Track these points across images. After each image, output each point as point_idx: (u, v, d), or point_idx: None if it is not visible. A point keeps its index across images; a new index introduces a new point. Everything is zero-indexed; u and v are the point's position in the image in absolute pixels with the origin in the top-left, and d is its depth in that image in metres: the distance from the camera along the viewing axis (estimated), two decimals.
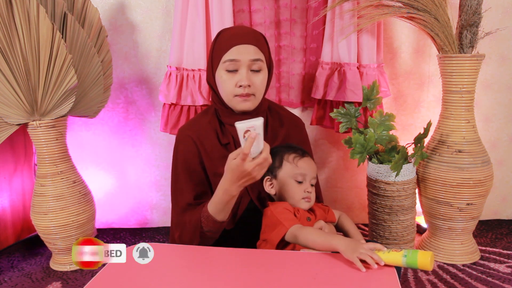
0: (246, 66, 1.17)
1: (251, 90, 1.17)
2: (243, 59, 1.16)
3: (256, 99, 1.20)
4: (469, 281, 1.59)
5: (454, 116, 1.67)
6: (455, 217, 1.68)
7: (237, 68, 1.17)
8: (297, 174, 1.16)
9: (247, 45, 1.17)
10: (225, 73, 1.18)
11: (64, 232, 1.71)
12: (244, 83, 1.16)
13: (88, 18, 1.70)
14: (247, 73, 1.17)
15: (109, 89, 1.85)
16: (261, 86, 1.20)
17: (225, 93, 1.20)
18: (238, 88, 1.17)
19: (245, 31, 1.21)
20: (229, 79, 1.18)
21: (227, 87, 1.18)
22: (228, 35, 1.20)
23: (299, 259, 0.98)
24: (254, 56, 1.17)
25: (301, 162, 1.17)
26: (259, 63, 1.18)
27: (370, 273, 0.90)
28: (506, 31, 1.91)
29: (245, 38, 1.18)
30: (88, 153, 2.10)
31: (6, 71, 1.52)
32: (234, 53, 1.16)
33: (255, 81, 1.18)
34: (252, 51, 1.17)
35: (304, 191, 1.15)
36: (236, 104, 1.19)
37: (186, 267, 0.97)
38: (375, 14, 1.70)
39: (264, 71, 1.21)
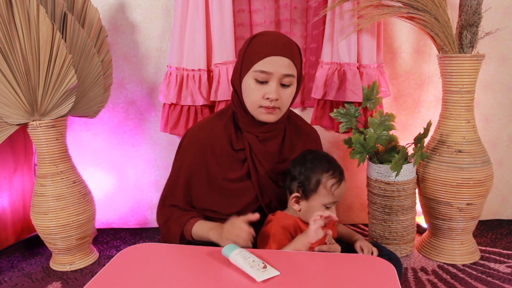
0: (277, 80, 1.12)
1: (277, 103, 1.14)
2: (275, 72, 1.11)
3: (280, 112, 1.17)
4: (469, 281, 1.59)
5: (454, 116, 1.67)
6: (455, 217, 1.68)
7: (268, 80, 1.13)
8: (331, 203, 1.11)
9: (283, 57, 1.12)
10: (254, 82, 1.14)
11: (64, 232, 1.71)
12: (273, 97, 1.12)
13: (88, 18, 1.70)
14: (277, 86, 1.13)
15: (109, 89, 1.85)
16: (288, 101, 1.17)
17: (250, 102, 1.16)
18: (265, 100, 1.13)
19: (282, 41, 1.15)
20: (257, 89, 1.13)
21: (254, 97, 1.14)
22: (263, 42, 1.14)
23: (299, 259, 0.98)
24: (287, 71, 1.13)
25: (338, 190, 1.11)
26: (290, 79, 1.14)
27: (370, 273, 0.91)
28: (506, 31, 1.91)
29: (281, 49, 1.12)
30: (88, 153, 2.10)
31: (6, 71, 1.52)
32: (267, 64, 1.11)
33: (283, 95, 1.14)
34: (286, 65, 1.12)
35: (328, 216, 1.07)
36: (260, 114, 1.16)
37: (186, 267, 0.97)
38: (375, 14, 1.70)
39: (293, 86, 1.17)
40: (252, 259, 0.91)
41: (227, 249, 0.94)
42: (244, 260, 0.91)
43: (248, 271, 0.88)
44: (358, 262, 0.98)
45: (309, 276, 0.89)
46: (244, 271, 0.89)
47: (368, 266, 0.94)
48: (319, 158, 1.15)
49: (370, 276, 0.90)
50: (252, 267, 0.89)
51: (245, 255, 0.92)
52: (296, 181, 1.14)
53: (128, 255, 1.02)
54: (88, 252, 1.84)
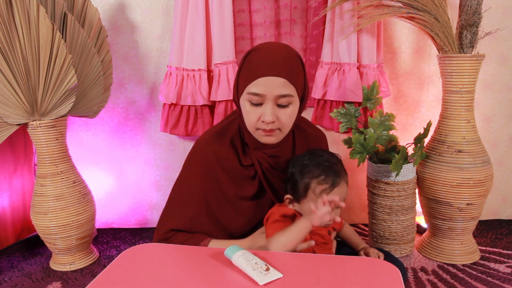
0: (272, 101, 1.03)
1: (276, 125, 1.05)
2: (268, 93, 1.02)
3: (282, 133, 1.08)
4: (469, 281, 1.59)
5: (454, 116, 1.67)
6: (455, 217, 1.68)
7: (262, 102, 1.04)
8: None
9: (276, 77, 1.01)
10: (248, 104, 1.05)
11: (64, 232, 1.71)
12: (268, 120, 1.03)
13: (88, 18, 1.70)
14: (273, 108, 1.03)
15: (109, 89, 1.85)
16: (288, 121, 1.07)
17: (248, 124, 1.08)
18: (261, 122, 1.05)
19: (276, 59, 1.03)
20: (253, 111, 1.05)
21: (250, 120, 1.06)
22: (258, 60, 1.05)
23: (302, 261, 0.97)
24: (282, 91, 1.02)
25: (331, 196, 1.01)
26: (287, 99, 1.04)
27: (374, 276, 0.90)
28: (506, 31, 1.91)
29: (273, 68, 1.02)
30: (88, 153, 2.10)
31: (6, 71, 1.52)
32: (259, 86, 1.02)
33: (281, 115, 1.05)
34: (281, 85, 1.02)
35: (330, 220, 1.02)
36: (259, 137, 1.09)
37: (188, 268, 0.97)
38: (375, 14, 1.70)
39: (294, 104, 1.07)
40: (255, 261, 0.90)
41: (229, 250, 0.93)
42: (246, 262, 0.90)
43: (251, 273, 0.87)
44: (362, 264, 0.97)
45: (313, 279, 0.89)
46: (247, 274, 0.89)
47: (373, 269, 0.93)
48: (314, 160, 1.08)
49: (374, 279, 0.89)
50: (255, 270, 0.88)
51: (248, 257, 0.91)
52: (289, 183, 1.11)
53: (130, 255, 1.02)
54: (88, 252, 1.84)
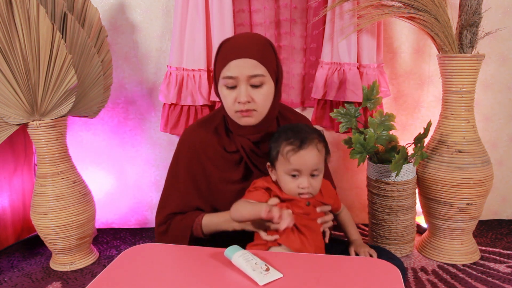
0: (245, 82, 1.10)
1: (251, 106, 1.11)
2: (240, 75, 1.09)
3: (259, 114, 1.14)
4: (469, 281, 1.59)
5: (454, 116, 1.67)
6: (455, 217, 1.68)
7: (236, 85, 1.11)
8: (290, 170, 1.07)
9: (245, 59, 1.09)
10: (225, 89, 1.13)
11: (64, 232, 1.71)
12: (242, 100, 1.10)
13: (88, 18, 1.70)
14: (246, 89, 1.10)
15: (109, 89, 1.85)
16: (263, 101, 1.13)
17: (227, 109, 1.15)
18: (237, 104, 1.11)
19: (245, 43, 1.12)
20: (229, 95, 1.12)
21: (227, 103, 1.14)
22: (227, 48, 1.13)
23: (302, 262, 0.97)
24: (253, 71, 1.09)
25: (294, 157, 1.05)
26: (259, 78, 1.10)
27: (374, 276, 0.90)
28: (506, 31, 1.91)
29: (243, 51, 1.10)
30: (88, 153, 2.10)
31: (6, 71, 1.52)
32: (231, 69, 1.10)
33: (255, 96, 1.11)
34: (251, 65, 1.09)
35: (298, 186, 1.07)
36: (238, 119, 1.15)
37: (188, 268, 0.97)
38: (375, 14, 1.70)
39: (268, 84, 1.12)
40: (254, 261, 0.90)
41: (229, 250, 0.93)
42: (246, 262, 0.90)
43: (251, 274, 0.88)
44: (362, 265, 0.97)
45: (313, 279, 0.89)
46: (247, 274, 0.89)
47: (373, 269, 0.93)
48: (287, 127, 1.13)
49: (374, 279, 0.89)
50: (255, 270, 0.88)
51: (247, 257, 0.92)
52: (269, 152, 1.15)
53: (130, 255, 1.02)
54: (88, 252, 1.84)
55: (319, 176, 1.10)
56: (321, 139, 1.13)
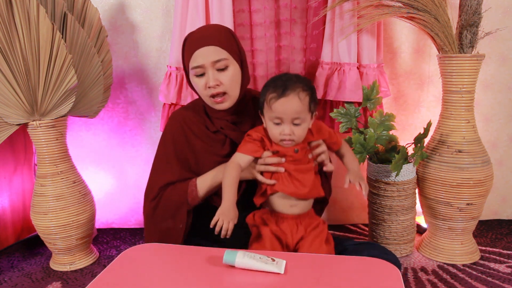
0: (211, 68, 1.19)
1: (221, 88, 1.20)
2: (205, 62, 1.18)
3: (230, 97, 1.22)
4: (469, 281, 1.59)
5: (454, 116, 1.67)
6: (455, 217, 1.68)
7: (204, 72, 1.20)
8: (273, 117, 1.11)
9: (207, 47, 1.18)
10: (195, 78, 1.22)
11: (64, 232, 1.71)
12: (212, 84, 1.18)
13: (88, 18, 1.70)
14: (213, 74, 1.19)
15: (109, 89, 1.85)
16: (231, 82, 1.21)
17: (202, 96, 1.24)
18: (208, 89, 1.20)
19: (204, 33, 1.22)
20: (199, 82, 1.21)
21: (200, 91, 1.23)
22: (190, 41, 1.23)
23: (302, 262, 0.98)
24: (216, 56, 1.18)
25: (276, 104, 1.09)
26: (223, 62, 1.19)
27: (374, 276, 0.90)
28: (506, 31, 1.91)
29: (203, 40, 1.19)
30: (88, 153, 2.10)
31: (6, 71, 1.52)
32: (196, 58, 1.19)
33: (223, 79, 1.20)
34: (213, 51, 1.18)
35: (280, 133, 1.11)
36: (213, 105, 1.23)
37: (186, 267, 0.97)
38: (375, 14, 1.70)
39: (232, 66, 1.21)
40: (259, 256, 0.92)
41: (228, 256, 0.93)
42: (254, 260, 0.92)
43: (266, 268, 0.90)
44: (362, 264, 0.97)
45: (313, 278, 0.89)
46: (260, 270, 0.90)
47: (373, 269, 0.94)
48: (278, 76, 1.16)
49: (374, 279, 0.89)
50: (267, 264, 0.91)
51: (250, 255, 0.93)
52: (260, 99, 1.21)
53: (130, 255, 1.02)
54: (88, 252, 1.84)
55: (302, 125, 1.12)
56: (306, 88, 1.13)
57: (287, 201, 1.14)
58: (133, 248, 1.05)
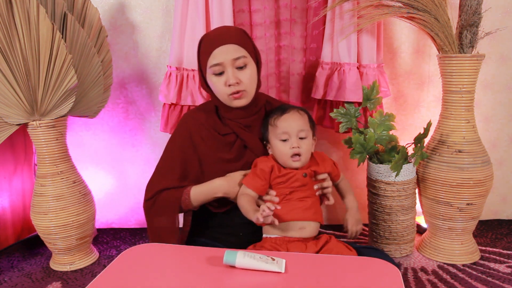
0: (231, 66, 1.21)
1: (241, 86, 1.22)
2: (225, 60, 1.20)
3: (248, 94, 1.25)
4: (469, 281, 1.59)
5: (454, 116, 1.67)
6: (455, 217, 1.68)
7: (223, 70, 1.22)
8: (279, 134, 1.20)
9: (227, 45, 1.21)
10: (213, 77, 1.23)
11: (64, 232, 1.71)
12: (232, 82, 1.20)
13: (88, 18, 1.70)
14: (233, 72, 1.21)
15: (109, 89, 1.85)
16: (250, 81, 1.24)
17: (220, 95, 1.26)
18: (228, 87, 1.22)
19: (222, 32, 1.25)
20: (218, 81, 1.23)
21: (219, 89, 1.24)
22: (207, 40, 1.25)
23: (303, 262, 0.98)
24: (236, 54, 1.21)
25: (279, 121, 1.21)
26: (242, 60, 1.22)
27: (374, 276, 0.90)
28: (506, 31, 1.91)
29: (223, 39, 1.21)
30: (88, 153, 2.10)
31: (6, 71, 1.52)
32: (216, 56, 1.21)
33: (242, 77, 1.22)
34: (232, 49, 1.21)
35: (289, 148, 1.18)
36: (231, 102, 1.25)
37: (185, 267, 0.97)
38: (375, 14, 1.69)
39: (250, 65, 1.24)
40: (259, 256, 0.93)
41: (228, 256, 0.94)
42: (255, 260, 0.92)
43: (267, 267, 0.91)
44: (362, 264, 0.97)
45: (313, 278, 0.89)
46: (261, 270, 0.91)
47: (373, 268, 0.94)
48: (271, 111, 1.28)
49: (374, 279, 0.89)
50: (268, 263, 0.92)
51: (251, 255, 0.93)
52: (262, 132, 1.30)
53: (130, 255, 1.02)
54: (88, 252, 1.84)
55: (307, 140, 1.21)
56: (303, 109, 1.27)
57: (297, 224, 1.18)
58: (133, 248, 1.06)
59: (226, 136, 1.29)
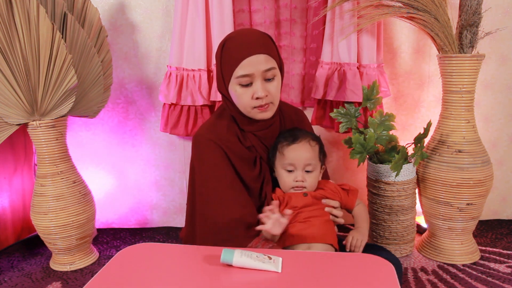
0: (260, 78, 1.11)
1: (268, 99, 1.14)
2: (256, 71, 1.10)
3: (274, 106, 1.17)
4: (469, 281, 1.59)
5: (454, 116, 1.67)
6: (455, 217, 1.68)
7: (251, 81, 1.12)
8: (285, 164, 1.14)
9: (258, 55, 1.10)
10: (239, 87, 1.13)
11: (64, 232, 1.71)
12: (261, 95, 1.11)
13: (88, 18, 1.70)
14: (262, 84, 1.12)
15: (109, 89, 1.85)
16: (277, 93, 1.16)
17: (243, 106, 1.15)
18: (255, 100, 1.12)
19: (252, 39, 1.13)
20: (245, 93, 1.13)
21: (244, 101, 1.14)
22: (235, 46, 1.13)
23: (299, 258, 0.98)
24: (267, 66, 1.11)
25: (287, 150, 1.14)
26: (272, 71, 1.13)
27: (369, 272, 0.91)
28: (506, 31, 1.91)
29: (254, 47, 1.11)
30: (88, 153, 2.10)
31: (6, 71, 1.52)
32: (245, 67, 1.10)
33: (270, 89, 1.14)
34: (264, 60, 1.11)
35: (293, 180, 1.13)
36: (255, 115, 1.16)
37: (182, 267, 0.97)
38: (375, 14, 1.70)
39: (278, 76, 1.16)
40: (256, 255, 0.93)
41: (226, 255, 0.94)
42: (251, 259, 0.92)
43: (263, 267, 0.91)
44: (357, 261, 0.98)
45: (309, 275, 0.90)
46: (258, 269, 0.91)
47: (368, 265, 0.95)
48: (286, 130, 1.21)
49: (369, 275, 0.90)
50: (264, 262, 0.91)
51: (248, 254, 0.93)
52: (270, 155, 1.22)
53: (126, 255, 1.02)
54: (88, 252, 1.84)
55: (313, 173, 1.15)
56: (315, 138, 1.19)
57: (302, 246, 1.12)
58: (129, 248, 1.05)
59: (249, 148, 1.20)
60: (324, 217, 1.15)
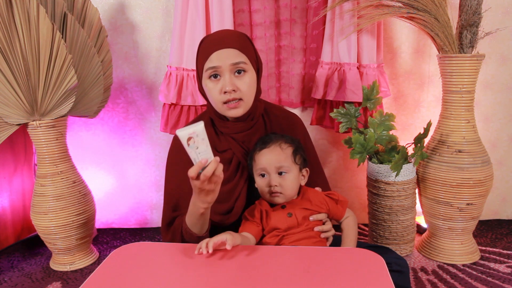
0: (228, 71, 1.12)
1: (237, 94, 1.12)
2: (223, 64, 1.11)
3: (245, 104, 1.15)
4: (469, 281, 1.59)
5: (454, 116, 1.67)
6: (455, 217, 1.68)
7: (220, 74, 1.13)
8: (258, 170, 1.12)
9: (227, 49, 1.12)
10: (209, 81, 1.14)
11: (64, 232, 1.71)
12: (228, 89, 1.11)
13: (88, 18, 1.70)
14: (230, 78, 1.12)
15: (109, 89, 1.85)
16: (248, 89, 1.14)
17: (214, 102, 1.16)
18: (223, 94, 1.12)
19: (223, 35, 1.16)
20: (214, 87, 1.14)
21: (214, 95, 1.14)
22: (207, 42, 1.16)
23: (292, 253, 0.99)
24: (235, 59, 1.12)
25: (258, 156, 1.12)
26: (241, 65, 1.12)
27: (360, 265, 0.92)
28: (506, 31, 1.91)
29: (223, 42, 1.12)
30: (88, 153, 2.10)
31: (6, 71, 1.52)
32: (214, 59, 1.12)
33: (240, 85, 1.13)
34: (232, 54, 1.12)
35: (267, 185, 1.10)
36: (226, 111, 1.15)
37: (177, 265, 0.98)
38: (375, 14, 1.70)
39: (250, 73, 1.15)
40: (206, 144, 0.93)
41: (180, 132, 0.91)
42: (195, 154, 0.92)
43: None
44: (347, 254, 0.99)
45: (300, 269, 0.90)
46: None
47: (358, 258, 0.96)
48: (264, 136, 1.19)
49: (360, 268, 0.91)
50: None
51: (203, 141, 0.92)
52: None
53: (120, 254, 1.02)
54: (88, 252, 1.84)
55: (288, 175, 1.12)
56: (289, 141, 1.15)
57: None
58: (124, 247, 1.06)
59: (224, 153, 1.20)
60: (316, 238, 1.11)
